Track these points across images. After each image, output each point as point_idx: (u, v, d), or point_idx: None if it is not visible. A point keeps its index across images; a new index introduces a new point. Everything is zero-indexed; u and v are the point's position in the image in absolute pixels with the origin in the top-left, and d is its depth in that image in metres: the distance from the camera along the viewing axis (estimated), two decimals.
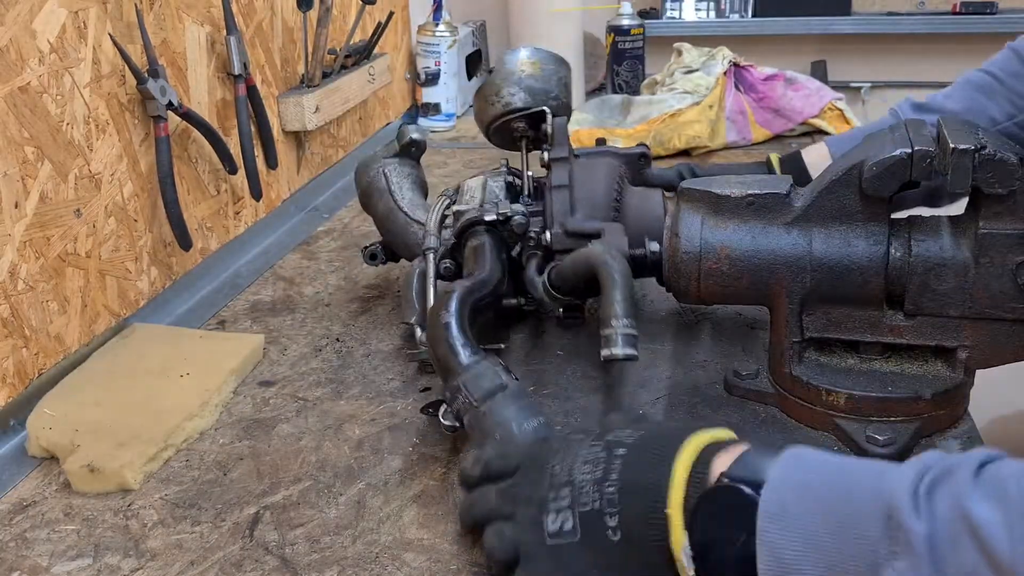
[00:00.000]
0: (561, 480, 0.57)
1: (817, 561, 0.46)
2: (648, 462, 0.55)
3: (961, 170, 0.66)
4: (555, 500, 0.57)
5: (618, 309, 0.70)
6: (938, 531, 0.43)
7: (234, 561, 0.65)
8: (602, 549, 0.55)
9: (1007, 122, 0.84)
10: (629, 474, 0.55)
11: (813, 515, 0.47)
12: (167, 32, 1.01)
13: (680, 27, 1.96)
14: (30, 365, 0.83)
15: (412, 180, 1.02)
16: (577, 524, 0.56)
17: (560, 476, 0.58)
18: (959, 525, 0.42)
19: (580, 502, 0.56)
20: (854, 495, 0.46)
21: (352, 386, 0.87)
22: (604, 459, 0.57)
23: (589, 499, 0.55)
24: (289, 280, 1.11)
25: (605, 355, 0.68)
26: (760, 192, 0.75)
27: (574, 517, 0.56)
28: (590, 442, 0.59)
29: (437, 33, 1.72)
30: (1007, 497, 0.42)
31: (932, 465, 0.45)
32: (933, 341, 0.73)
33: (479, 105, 0.99)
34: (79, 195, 0.88)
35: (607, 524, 0.54)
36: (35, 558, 0.66)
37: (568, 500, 0.56)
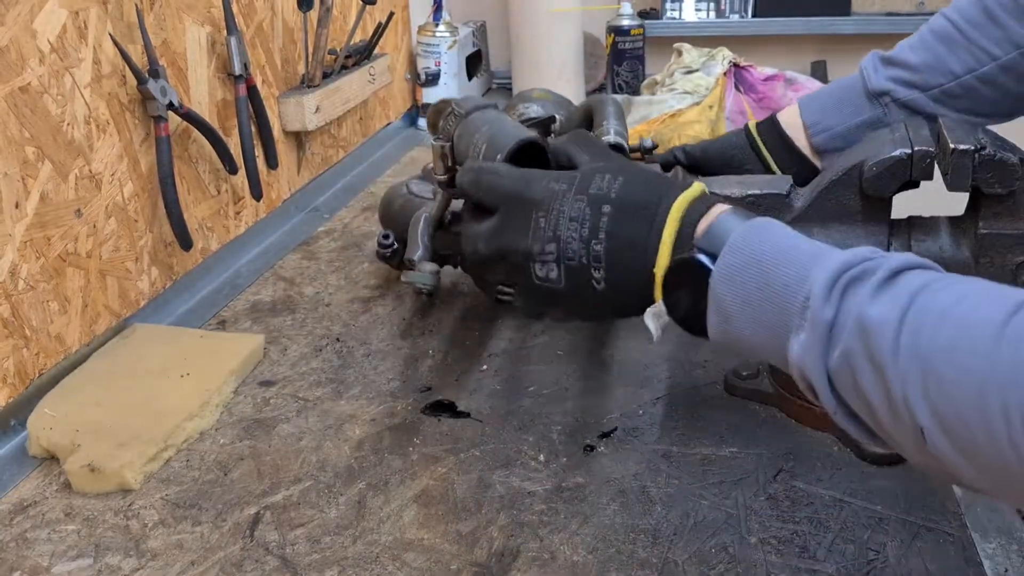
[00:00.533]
0: (547, 235, 0.62)
1: (751, 317, 0.54)
2: (636, 223, 0.60)
3: (961, 170, 0.66)
4: (541, 254, 0.62)
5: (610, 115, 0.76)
6: (838, 320, 0.49)
7: (234, 561, 0.65)
8: (586, 295, 0.62)
9: (966, 75, 0.81)
10: (617, 233, 0.60)
11: (754, 281, 0.54)
12: (167, 32, 1.01)
13: (680, 27, 1.96)
14: (30, 365, 0.83)
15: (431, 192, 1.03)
16: (562, 275, 0.62)
17: (545, 231, 0.62)
18: (854, 318, 0.48)
19: (566, 256, 0.61)
20: (788, 271, 0.53)
21: (352, 386, 0.87)
22: (590, 216, 0.61)
23: (576, 254, 0.61)
24: (289, 280, 1.11)
25: None
26: (760, 192, 0.75)
27: (560, 269, 0.62)
28: (574, 195, 0.62)
29: (437, 33, 1.72)
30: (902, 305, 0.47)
31: (857, 262, 0.50)
32: None
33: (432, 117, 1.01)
34: (79, 195, 0.88)
35: (592, 276, 0.61)
36: (36, 558, 0.66)
37: (554, 255, 0.61)
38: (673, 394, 0.83)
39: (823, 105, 0.88)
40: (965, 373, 0.43)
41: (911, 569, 0.61)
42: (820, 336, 0.50)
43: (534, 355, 0.90)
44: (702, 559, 0.62)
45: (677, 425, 0.78)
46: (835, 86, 0.90)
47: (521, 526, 0.67)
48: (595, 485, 0.71)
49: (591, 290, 0.61)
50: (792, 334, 0.52)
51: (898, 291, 0.48)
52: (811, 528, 0.65)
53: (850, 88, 0.87)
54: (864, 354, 0.47)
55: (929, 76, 0.82)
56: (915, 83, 0.83)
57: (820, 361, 0.50)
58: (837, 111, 0.87)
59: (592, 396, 0.83)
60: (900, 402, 0.45)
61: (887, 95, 0.84)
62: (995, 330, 0.42)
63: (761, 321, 0.53)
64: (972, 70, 0.80)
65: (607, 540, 0.65)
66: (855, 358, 0.48)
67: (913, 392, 0.45)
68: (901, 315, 0.46)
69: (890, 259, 0.50)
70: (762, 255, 0.54)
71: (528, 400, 0.82)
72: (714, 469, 0.72)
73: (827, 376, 0.50)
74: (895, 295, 0.48)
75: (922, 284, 0.47)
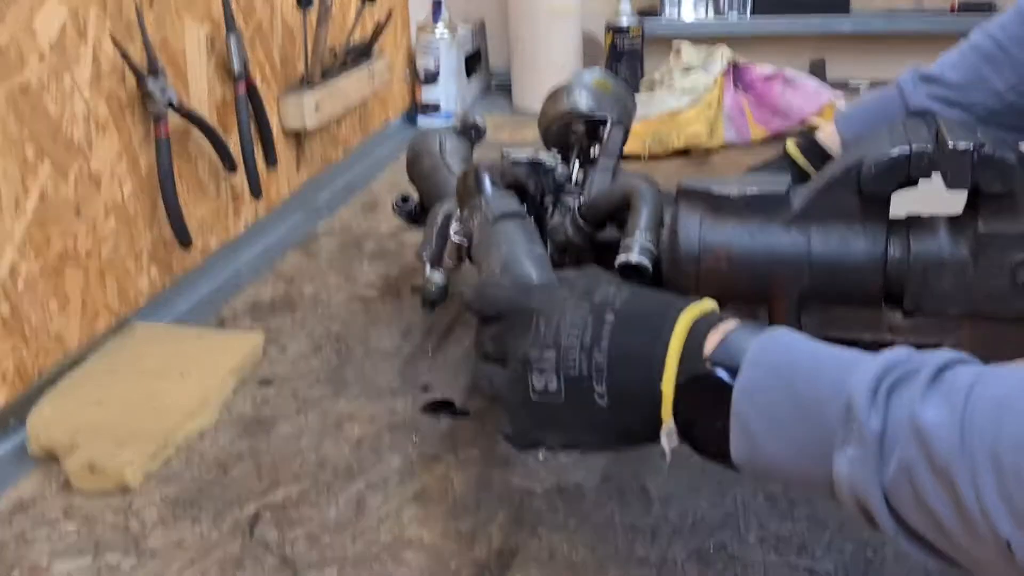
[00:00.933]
0: (547, 341, 0.58)
1: (784, 438, 0.49)
2: (640, 333, 0.56)
3: (960, 169, 0.66)
4: (539, 360, 0.58)
5: (643, 222, 0.70)
6: (888, 429, 0.45)
7: (234, 560, 0.65)
8: (588, 411, 0.57)
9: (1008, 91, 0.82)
10: (620, 343, 0.56)
11: (782, 396, 0.49)
12: (167, 31, 1.01)
13: (679, 26, 1.96)
14: (30, 364, 0.83)
15: (463, 155, 1.02)
16: (562, 387, 0.57)
17: (545, 337, 0.58)
18: (907, 425, 0.44)
19: (566, 365, 0.57)
20: (821, 382, 0.48)
21: (352, 385, 0.87)
22: (592, 324, 0.57)
23: (576, 364, 0.56)
24: (289, 279, 1.11)
25: (620, 261, 0.69)
26: (759, 192, 0.75)
27: (559, 379, 0.57)
28: (575, 301, 0.59)
29: (436, 32, 1.72)
30: (955, 403, 0.43)
31: (896, 365, 0.47)
32: (932, 340, 0.73)
33: (547, 104, 1.00)
34: (79, 194, 0.88)
35: (594, 390, 0.56)
36: (35, 557, 0.66)
37: (553, 363, 0.57)
38: None
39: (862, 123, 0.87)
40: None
41: (910, 568, 0.61)
42: (871, 449, 0.45)
43: None
44: (701, 557, 0.63)
45: None
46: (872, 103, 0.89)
47: (520, 524, 0.67)
48: (594, 484, 0.71)
49: (593, 407, 0.56)
50: (836, 451, 0.46)
51: (949, 389, 0.44)
52: (810, 526, 0.65)
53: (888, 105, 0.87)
54: (925, 463, 0.43)
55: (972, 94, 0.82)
56: (957, 101, 0.83)
57: (875, 477, 0.45)
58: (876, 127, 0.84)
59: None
60: (975, 512, 0.41)
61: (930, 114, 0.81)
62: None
63: (795, 441, 0.48)
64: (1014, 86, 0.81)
65: (606, 538, 0.65)
66: (915, 468, 0.43)
67: (989, 497, 0.41)
68: (960, 414, 0.42)
69: (931, 357, 0.46)
70: (788, 367, 0.50)
71: None
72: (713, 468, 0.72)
73: (883, 494, 0.45)
74: (947, 394, 0.44)
75: (973, 379, 0.44)
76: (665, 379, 0.53)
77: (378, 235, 1.23)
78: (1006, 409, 0.42)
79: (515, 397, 0.59)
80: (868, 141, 0.73)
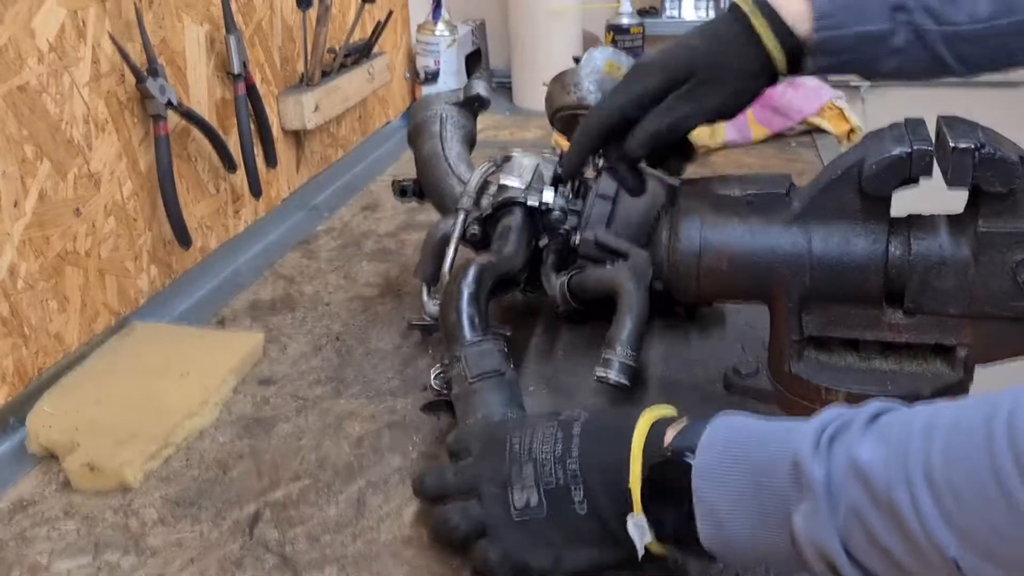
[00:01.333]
0: (522, 458, 0.60)
1: (745, 511, 0.50)
2: (605, 439, 0.58)
3: (961, 168, 0.66)
4: (519, 477, 0.60)
5: (625, 337, 0.72)
6: (832, 474, 0.46)
7: (234, 559, 0.65)
8: (569, 522, 0.58)
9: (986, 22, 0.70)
10: (589, 450, 0.58)
11: (737, 471, 0.51)
12: (166, 31, 1.01)
13: (680, 26, 1.96)
14: (30, 364, 0.83)
15: (464, 133, 1.02)
16: (543, 499, 0.59)
17: (521, 454, 0.60)
18: (848, 468, 0.46)
19: (544, 479, 0.59)
20: (769, 451, 0.50)
21: (352, 384, 0.87)
22: (562, 437, 0.60)
23: (553, 476, 0.59)
24: (289, 279, 1.11)
25: (599, 375, 0.72)
26: (759, 191, 0.75)
27: (539, 493, 0.59)
28: (544, 422, 0.62)
29: (436, 32, 1.71)
30: (888, 439, 0.45)
31: (833, 419, 0.49)
32: (932, 339, 0.73)
33: (554, 88, 0.99)
34: (78, 194, 0.88)
35: (573, 498, 0.58)
36: (35, 556, 0.66)
37: (532, 477, 0.59)
38: (672, 392, 0.83)
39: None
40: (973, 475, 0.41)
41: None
42: (821, 500, 0.46)
43: (533, 354, 0.90)
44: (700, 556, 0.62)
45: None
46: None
47: None
48: None
49: (574, 516, 0.58)
50: (792, 511, 0.48)
51: (882, 428, 0.46)
52: None
53: None
54: (869, 501, 0.44)
55: (951, 10, 0.71)
56: (934, 11, 0.71)
57: (829, 526, 0.46)
58: (850, 9, 0.71)
59: (591, 394, 0.83)
60: (921, 538, 0.42)
61: (904, 11, 0.71)
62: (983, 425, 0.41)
63: (756, 512, 0.50)
64: (993, 18, 0.70)
65: None
66: (861, 509, 0.45)
67: (931, 518, 0.42)
68: (894, 446, 0.44)
69: (867, 407, 0.49)
70: (739, 443, 0.52)
71: (527, 398, 0.82)
72: None
73: (840, 542, 0.46)
74: (880, 431, 0.46)
75: (905, 416, 0.46)
76: (632, 475, 0.56)
77: (378, 235, 1.23)
78: (933, 429, 0.44)
79: (497, 521, 0.60)
80: (869, 140, 0.73)
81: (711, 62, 0.72)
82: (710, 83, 0.72)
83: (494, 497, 0.60)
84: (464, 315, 0.73)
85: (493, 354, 0.71)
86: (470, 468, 0.63)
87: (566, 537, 0.58)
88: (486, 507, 0.60)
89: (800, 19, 0.71)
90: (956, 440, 0.42)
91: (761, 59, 0.71)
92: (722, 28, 0.72)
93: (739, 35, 0.71)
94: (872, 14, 0.70)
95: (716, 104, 0.72)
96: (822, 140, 1.51)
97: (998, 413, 0.42)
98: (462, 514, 0.61)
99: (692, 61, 0.72)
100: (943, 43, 0.71)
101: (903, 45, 0.70)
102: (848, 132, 1.53)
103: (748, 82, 0.72)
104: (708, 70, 0.72)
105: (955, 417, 0.44)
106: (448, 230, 0.89)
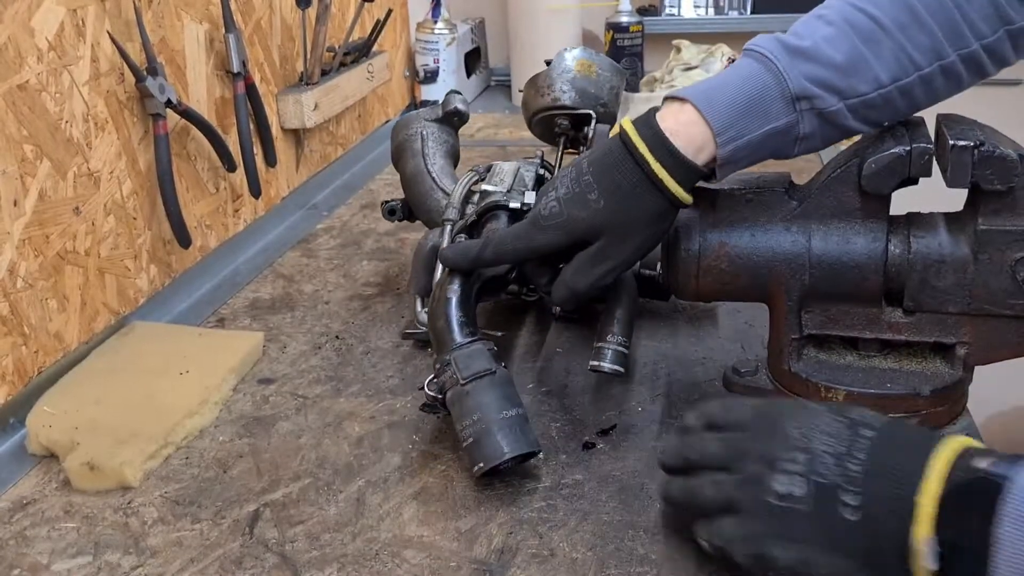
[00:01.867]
0: (797, 444, 0.55)
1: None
2: (902, 449, 0.53)
3: (960, 166, 0.66)
4: (789, 462, 0.55)
5: (617, 327, 0.72)
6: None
7: (234, 558, 0.65)
8: (832, 525, 0.53)
9: (891, 85, 0.68)
10: (879, 456, 0.53)
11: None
12: (166, 30, 1.01)
13: (679, 24, 1.96)
14: (29, 363, 0.83)
15: (447, 148, 1.02)
16: (811, 492, 0.54)
17: (796, 440, 0.55)
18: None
19: (817, 471, 0.54)
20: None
21: (352, 383, 0.87)
22: (848, 436, 0.55)
23: (828, 471, 0.53)
24: (288, 278, 1.11)
25: (593, 365, 0.71)
26: (759, 190, 0.75)
27: (808, 485, 0.54)
28: (831, 416, 0.56)
29: (436, 31, 1.72)
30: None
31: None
32: (932, 338, 0.73)
33: (528, 93, 0.99)
34: (78, 193, 0.88)
35: (844, 501, 0.53)
36: (35, 556, 0.66)
37: (803, 466, 0.54)
38: (672, 391, 0.83)
39: (733, 106, 0.68)
40: None
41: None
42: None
43: (533, 352, 0.90)
44: (700, 555, 0.62)
45: (676, 422, 0.78)
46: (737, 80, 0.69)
47: (520, 523, 0.67)
48: (594, 482, 0.71)
49: (838, 519, 0.52)
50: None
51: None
52: None
53: (761, 85, 0.68)
54: None
55: (855, 82, 0.68)
56: (837, 88, 0.68)
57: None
58: (750, 115, 0.68)
59: (591, 393, 0.83)
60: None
61: (806, 100, 0.68)
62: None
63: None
64: (897, 80, 0.68)
65: (606, 537, 0.65)
66: None
67: None
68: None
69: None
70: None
71: (527, 397, 0.82)
72: None
73: None
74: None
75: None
76: (926, 492, 0.50)
77: (377, 233, 1.23)
78: None
79: (752, 502, 0.55)
80: (868, 139, 0.73)
81: (615, 220, 0.70)
82: (619, 239, 0.71)
83: (756, 477, 0.56)
84: (452, 320, 0.74)
85: (483, 354, 0.71)
86: (739, 441, 0.58)
87: (823, 540, 0.53)
88: (744, 485, 0.56)
89: (701, 144, 0.68)
90: None
91: (666, 201, 0.70)
92: (620, 176, 0.70)
93: (639, 184, 0.69)
94: (774, 112, 0.68)
95: (629, 256, 0.72)
96: None
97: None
98: (716, 485, 0.58)
99: (595, 223, 0.71)
100: (850, 116, 0.69)
101: (809, 131, 0.69)
102: None
103: (656, 225, 0.71)
104: (613, 229, 0.71)
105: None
106: (436, 242, 0.89)
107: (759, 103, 0.68)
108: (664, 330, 0.93)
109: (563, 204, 0.72)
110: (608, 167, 0.70)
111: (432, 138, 1.01)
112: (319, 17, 1.25)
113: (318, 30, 1.26)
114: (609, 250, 0.71)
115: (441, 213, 0.91)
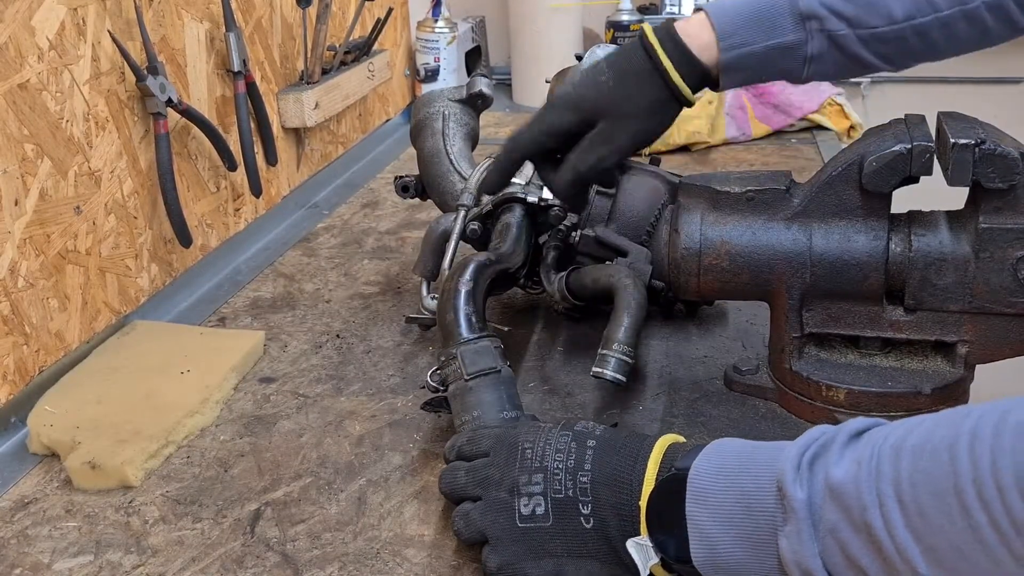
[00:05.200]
0: (533, 465, 0.60)
1: (734, 535, 0.51)
2: (620, 456, 0.58)
3: (961, 165, 0.66)
4: (527, 485, 0.59)
5: (622, 335, 0.72)
6: (813, 496, 0.47)
7: (235, 557, 0.65)
8: (574, 535, 0.58)
9: (904, 23, 0.70)
10: (602, 466, 0.58)
11: (726, 494, 0.51)
12: (166, 29, 1.01)
13: None
14: (31, 362, 0.83)
15: (467, 130, 1.02)
16: (550, 510, 0.58)
17: (532, 461, 0.60)
18: (825, 489, 0.47)
19: (553, 488, 0.58)
20: (756, 474, 0.51)
21: (353, 382, 0.87)
22: (575, 449, 0.59)
23: (562, 487, 0.58)
24: (289, 277, 1.11)
25: (595, 372, 0.72)
26: (760, 188, 0.75)
27: (547, 502, 0.58)
28: (559, 431, 0.61)
29: (436, 29, 1.71)
30: (861, 458, 0.46)
31: (815, 439, 0.50)
32: (933, 336, 0.73)
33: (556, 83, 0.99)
34: (79, 192, 0.88)
35: (580, 512, 0.57)
36: (36, 555, 0.66)
37: (541, 486, 0.59)
38: (673, 389, 0.83)
39: (739, 15, 0.72)
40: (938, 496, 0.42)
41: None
42: (803, 521, 0.47)
43: (533, 351, 0.90)
44: None
45: (677, 420, 0.78)
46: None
47: None
48: None
49: (579, 529, 0.57)
50: (778, 533, 0.49)
51: (859, 447, 0.47)
52: None
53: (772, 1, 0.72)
54: (845, 519, 0.46)
55: (865, 14, 0.70)
56: (849, 17, 0.70)
57: (811, 547, 0.47)
58: (756, 25, 0.71)
59: (592, 391, 0.83)
60: (895, 556, 0.43)
61: (816, 20, 0.71)
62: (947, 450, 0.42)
63: (745, 535, 0.50)
64: (911, 18, 0.70)
65: None
66: (838, 528, 0.46)
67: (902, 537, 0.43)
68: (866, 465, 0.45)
69: (847, 425, 0.49)
70: (728, 467, 0.52)
71: (527, 396, 0.82)
72: None
73: (822, 563, 0.47)
74: (856, 451, 0.47)
75: (882, 433, 0.47)
76: (644, 496, 0.56)
77: (378, 232, 1.23)
78: (902, 451, 0.45)
79: (500, 527, 0.59)
80: (869, 137, 0.73)
81: (620, 101, 0.73)
82: (621, 121, 0.74)
83: (500, 503, 0.60)
84: (461, 313, 0.73)
85: (489, 351, 0.71)
86: (482, 470, 0.62)
87: (569, 550, 0.58)
88: (491, 513, 0.60)
89: (707, 45, 0.72)
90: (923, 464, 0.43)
91: (668, 92, 0.73)
92: (630, 63, 0.74)
93: (645, 70, 0.73)
94: (781, 27, 0.71)
95: (629, 142, 0.74)
96: (822, 137, 1.51)
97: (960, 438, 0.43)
98: (465, 520, 0.61)
99: (601, 102, 0.74)
100: (860, 45, 0.71)
101: (818, 52, 0.71)
102: (848, 129, 1.53)
103: (658, 115, 0.74)
104: (618, 109, 0.73)
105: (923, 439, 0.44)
106: (448, 226, 0.89)
107: (767, 15, 0.71)
108: (666, 328, 0.93)
109: (576, 86, 0.75)
110: (622, 55, 0.75)
111: (454, 119, 1.01)
112: (320, 16, 1.25)
113: (319, 29, 1.26)
114: (611, 132, 0.74)
115: (455, 197, 0.91)
